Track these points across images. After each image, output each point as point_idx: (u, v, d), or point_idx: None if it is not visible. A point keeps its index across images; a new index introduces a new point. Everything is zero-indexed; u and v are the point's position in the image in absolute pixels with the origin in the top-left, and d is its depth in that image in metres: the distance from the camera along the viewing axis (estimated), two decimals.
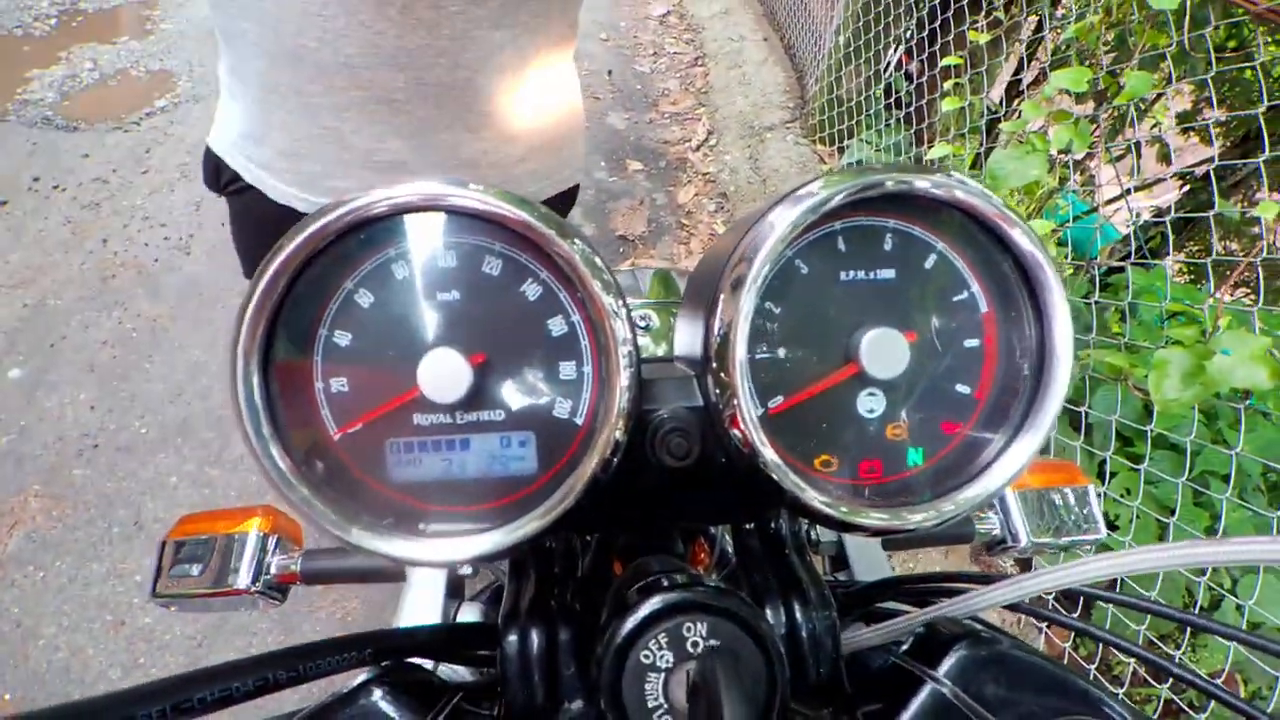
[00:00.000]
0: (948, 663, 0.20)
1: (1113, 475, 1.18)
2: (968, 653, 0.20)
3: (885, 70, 2.15)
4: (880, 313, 0.23)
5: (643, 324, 0.39)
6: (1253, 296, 1.06)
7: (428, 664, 0.25)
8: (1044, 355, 0.22)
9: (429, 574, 0.44)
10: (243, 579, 0.35)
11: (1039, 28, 1.72)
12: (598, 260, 0.21)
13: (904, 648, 0.22)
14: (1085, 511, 0.38)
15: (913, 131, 2.03)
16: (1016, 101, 1.71)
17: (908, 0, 1.92)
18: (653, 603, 0.19)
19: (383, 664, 0.21)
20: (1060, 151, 1.08)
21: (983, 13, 1.78)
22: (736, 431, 0.21)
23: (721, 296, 0.22)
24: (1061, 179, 1.31)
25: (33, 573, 1.25)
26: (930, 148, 1.55)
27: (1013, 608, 0.25)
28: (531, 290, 0.22)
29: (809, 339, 0.23)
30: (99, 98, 2.52)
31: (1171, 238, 1.19)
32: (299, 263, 0.20)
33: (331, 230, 0.20)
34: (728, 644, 0.18)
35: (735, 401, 0.21)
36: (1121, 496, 1.15)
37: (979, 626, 0.22)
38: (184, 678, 0.19)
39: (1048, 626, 1.20)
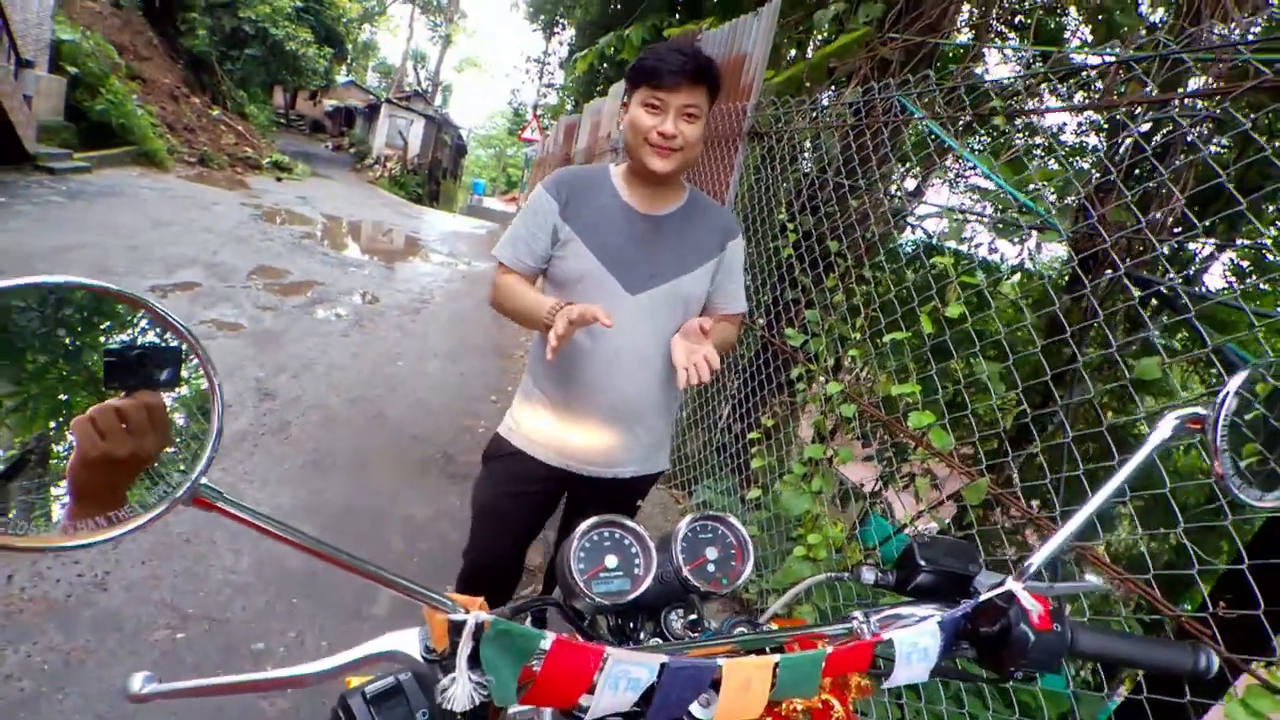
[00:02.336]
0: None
1: None
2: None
3: (717, 425, 3.24)
4: (709, 545, 0.92)
5: None
6: None
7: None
8: (745, 555, 0.92)
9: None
10: None
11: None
12: (649, 537, 0.89)
13: None
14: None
15: (741, 477, 3.03)
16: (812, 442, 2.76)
17: (735, 366, 3.09)
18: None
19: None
20: (815, 492, 1.98)
21: (781, 394, 2.96)
22: (683, 576, 0.87)
23: (672, 546, 0.90)
24: (863, 510, 2.23)
25: None
26: (750, 489, 2.45)
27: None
28: (629, 542, 0.88)
29: (693, 552, 0.91)
30: None
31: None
32: (581, 535, 0.85)
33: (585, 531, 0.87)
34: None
35: (681, 568, 0.87)
36: None
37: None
38: None
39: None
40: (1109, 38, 3.72)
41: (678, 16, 7.41)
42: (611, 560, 0.86)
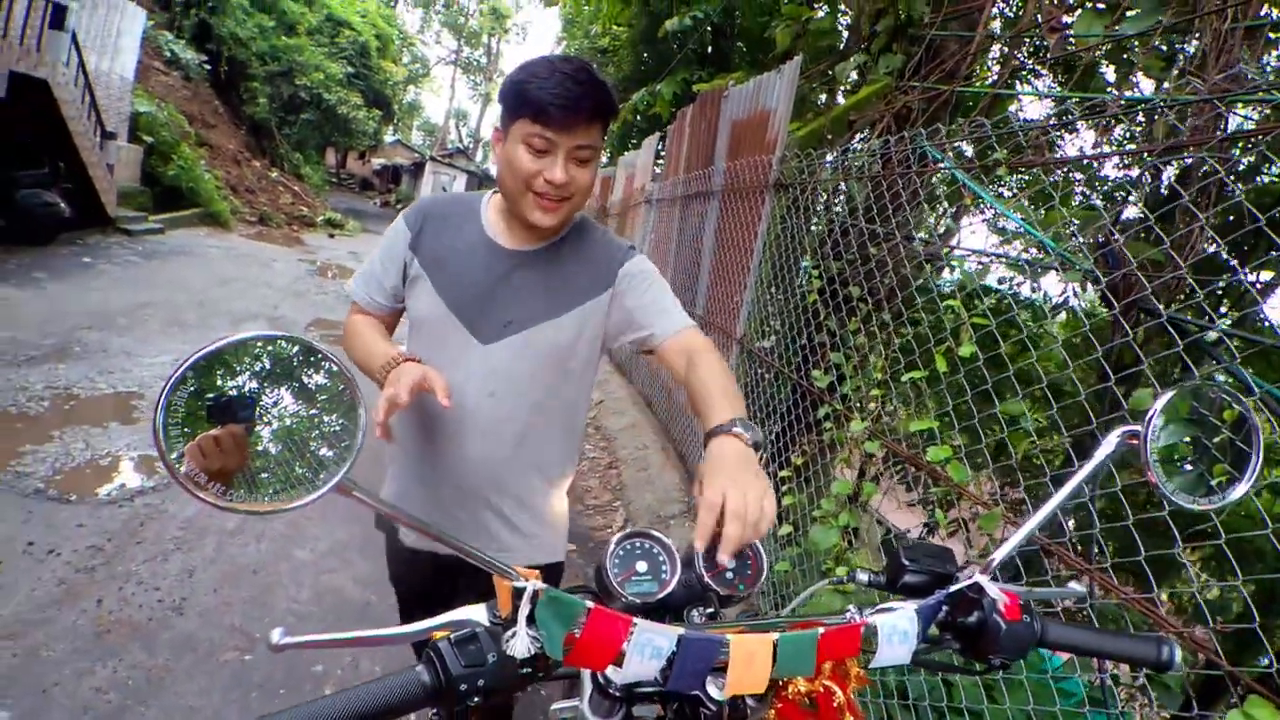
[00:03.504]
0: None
1: None
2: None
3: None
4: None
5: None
6: None
7: None
8: (760, 564, 1.05)
9: None
10: None
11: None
12: (674, 548, 1.03)
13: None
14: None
15: (777, 515, 3.11)
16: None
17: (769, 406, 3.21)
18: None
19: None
20: (843, 526, 2.08)
21: (810, 434, 3.06)
22: (705, 581, 1.00)
23: (695, 556, 1.04)
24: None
25: None
26: (782, 526, 2.55)
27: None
28: (656, 551, 1.03)
29: (713, 562, 1.04)
30: (92, 474, 3.16)
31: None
32: (615, 544, 0.99)
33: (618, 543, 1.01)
34: None
35: (703, 574, 1.00)
36: None
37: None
38: None
39: None
40: (1129, 75, 3.84)
41: (707, 71, 7.80)
42: (642, 566, 1.00)
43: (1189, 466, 0.81)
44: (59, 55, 7.89)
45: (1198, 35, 2.57)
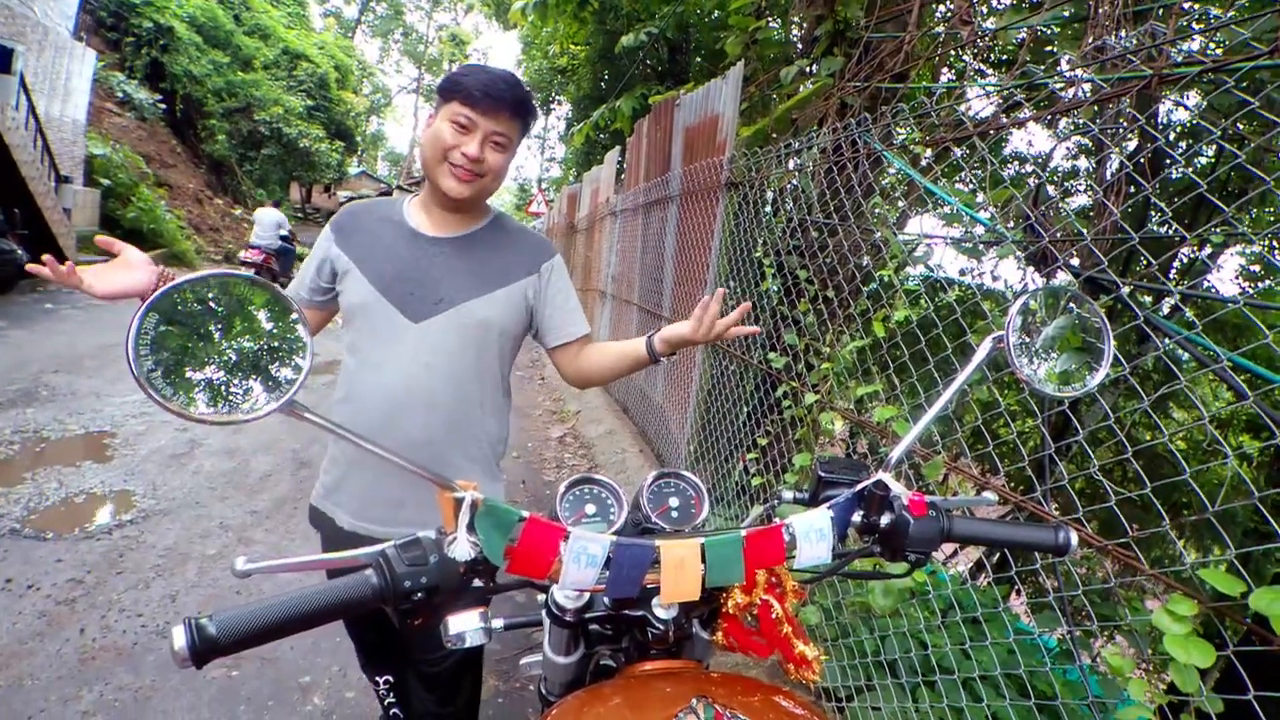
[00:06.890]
0: None
1: None
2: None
3: (740, 471, 3.47)
4: (672, 496, 1.17)
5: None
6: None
7: None
8: (702, 501, 1.16)
9: None
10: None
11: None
12: (623, 494, 1.14)
13: None
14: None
15: (746, 498, 3.24)
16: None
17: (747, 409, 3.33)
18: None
19: None
20: None
21: (773, 414, 3.19)
22: (652, 521, 1.12)
23: (640, 498, 1.16)
24: None
25: None
26: (755, 506, 2.66)
27: None
28: (605, 495, 1.14)
29: (658, 502, 1.16)
30: (67, 512, 3.18)
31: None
32: (565, 490, 1.10)
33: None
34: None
35: (650, 515, 1.12)
36: None
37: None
38: None
39: None
40: (1056, 63, 4.09)
41: (665, 86, 8.02)
42: (590, 508, 1.12)
43: (1054, 363, 0.94)
44: (7, 99, 7.90)
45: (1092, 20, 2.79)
